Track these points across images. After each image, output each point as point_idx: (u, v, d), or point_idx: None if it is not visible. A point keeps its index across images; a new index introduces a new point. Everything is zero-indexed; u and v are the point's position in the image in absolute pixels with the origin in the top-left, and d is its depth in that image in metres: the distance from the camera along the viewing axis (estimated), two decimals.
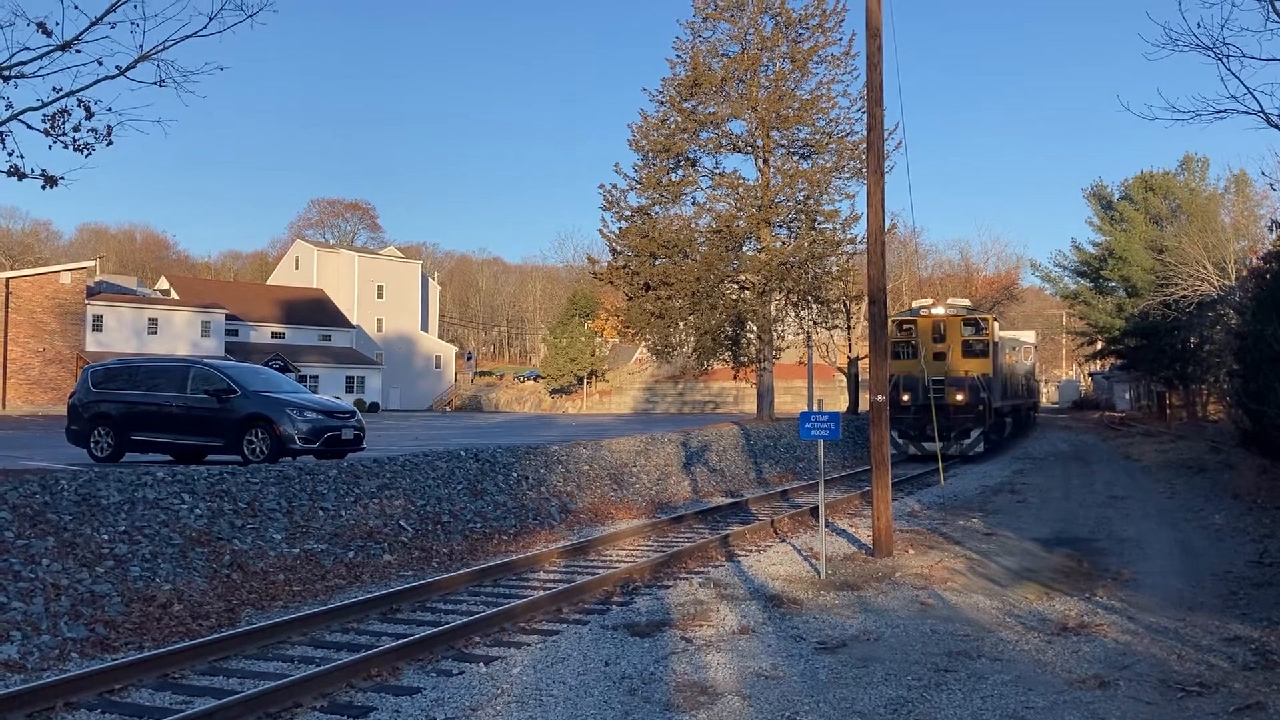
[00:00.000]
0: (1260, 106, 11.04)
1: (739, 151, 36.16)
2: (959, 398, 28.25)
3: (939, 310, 29.79)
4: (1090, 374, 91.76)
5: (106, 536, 11.17)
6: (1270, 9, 10.56)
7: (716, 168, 36.34)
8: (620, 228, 36.23)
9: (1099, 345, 64.30)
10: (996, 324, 31.45)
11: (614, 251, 36.94)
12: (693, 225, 35.76)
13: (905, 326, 30.02)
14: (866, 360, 14.78)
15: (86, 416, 18.01)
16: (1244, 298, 29.94)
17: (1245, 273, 34.39)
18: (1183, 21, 43.98)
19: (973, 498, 19.57)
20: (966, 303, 31.86)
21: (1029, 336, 50.96)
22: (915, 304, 32.35)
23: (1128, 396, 70.02)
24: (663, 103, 35.75)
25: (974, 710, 6.66)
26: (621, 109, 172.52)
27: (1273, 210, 39.27)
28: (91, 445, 17.70)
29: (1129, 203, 54.37)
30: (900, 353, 29.12)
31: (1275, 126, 10.81)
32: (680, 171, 35.92)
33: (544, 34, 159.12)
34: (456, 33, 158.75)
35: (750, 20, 34.90)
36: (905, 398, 28.17)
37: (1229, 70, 11.10)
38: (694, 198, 36.21)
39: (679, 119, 35.20)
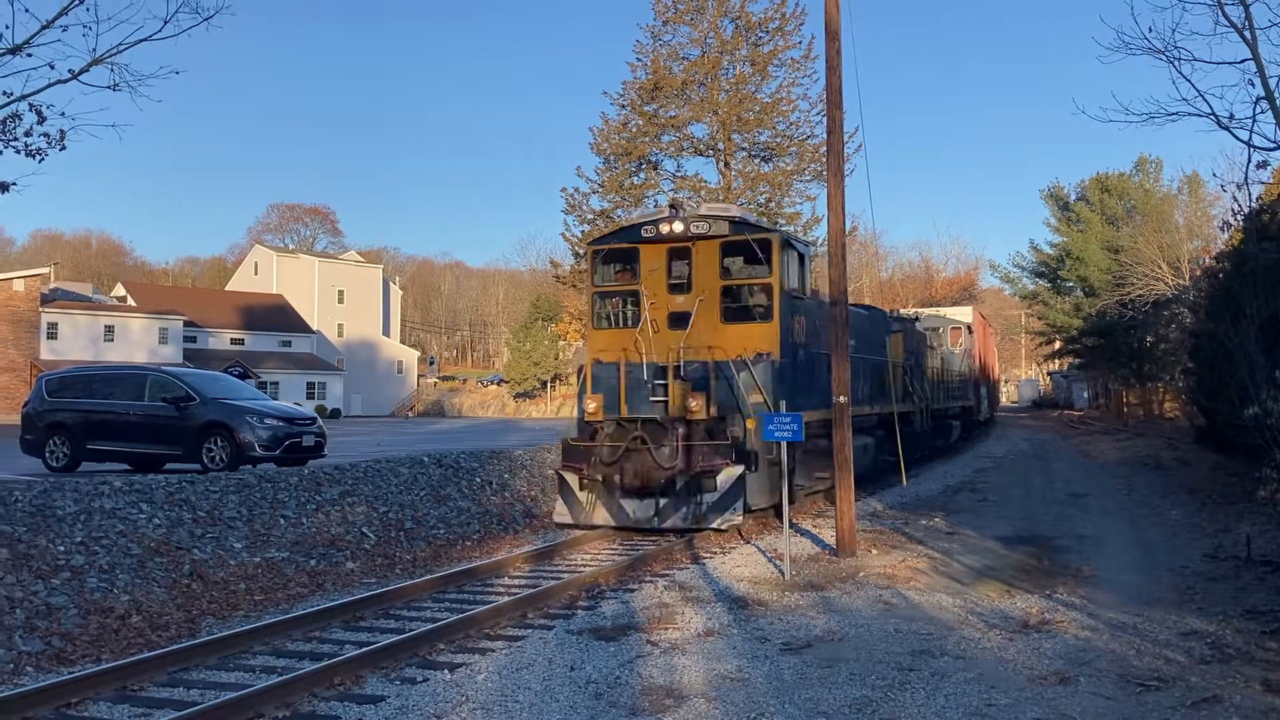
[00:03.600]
0: (1211, 109, 11.23)
1: (700, 155, 36.35)
2: (695, 406, 14.11)
3: (678, 225, 14.83)
4: (1049, 373, 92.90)
5: (62, 548, 10.99)
6: (1219, 14, 10.74)
7: (678, 171, 36.47)
8: (583, 231, 36.24)
9: (1057, 345, 65.24)
10: (805, 252, 16.26)
11: (577, 255, 36.93)
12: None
13: (620, 263, 15.91)
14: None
15: (41, 426, 17.75)
16: (1198, 297, 30.46)
17: (1199, 272, 35.00)
18: (1135, 25, 44.73)
19: (935, 497, 19.72)
20: (735, 211, 16.07)
21: (963, 314, 38.73)
22: (643, 216, 18.06)
23: (1086, 395, 70.99)
24: (624, 106, 35.84)
25: (938, 708, 6.70)
26: (582, 112, 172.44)
27: (1225, 211, 39.90)
28: (47, 455, 17.44)
29: (1085, 204, 55.17)
30: (608, 315, 15.79)
31: (1226, 128, 10.99)
32: (642, 175, 36.02)
33: (504, 37, 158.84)
34: (417, 35, 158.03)
35: (710, 24, 35.05)
36: (592, 406, 14.71)
37: (1180, 74, 11.28)
38: (656, 201, 36.25)
39: (640, 122, 35.29)
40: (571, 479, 14.55)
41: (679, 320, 14.93)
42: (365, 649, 8.20)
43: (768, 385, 14.32)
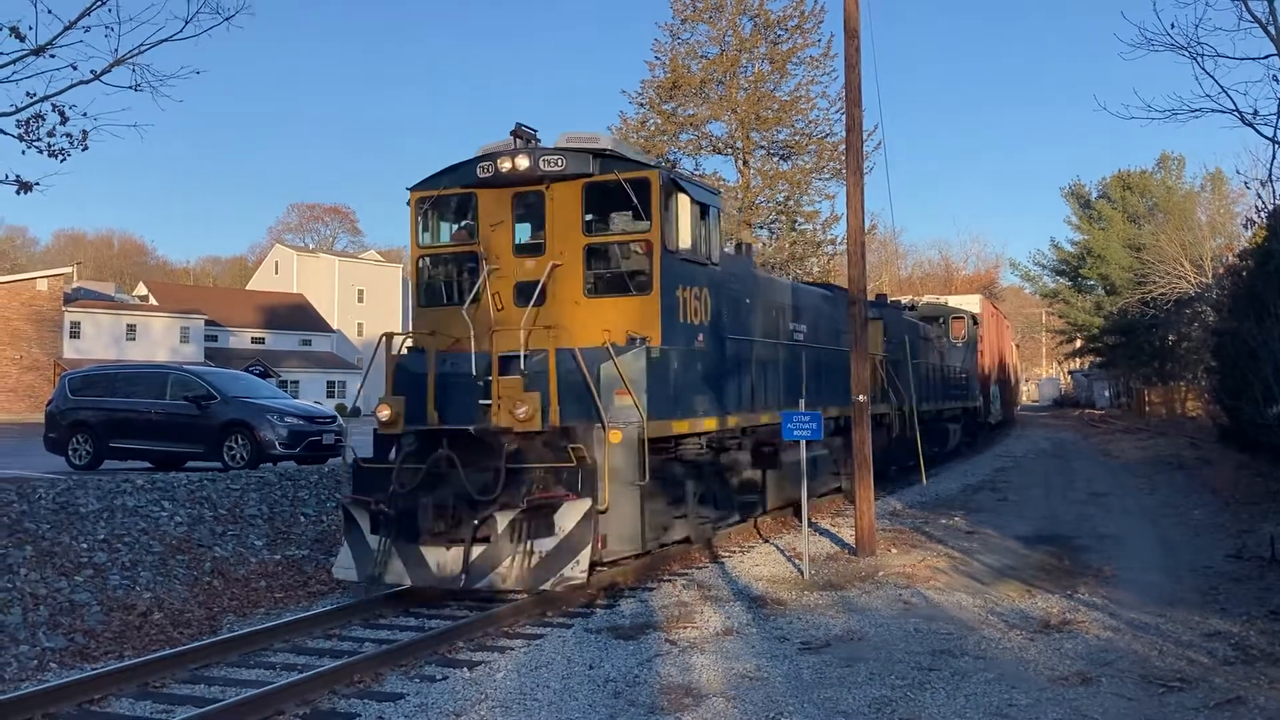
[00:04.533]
0: (1235, 105, 11.18)
1: (719, 153, 36.29)
2: (525, 413, 10.09)
3: (523, 160, 11.10)
4: (1070, 372, 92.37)
5: (85, 545, 11.07)
6: (1243, 9, 10.68)
7: (696, 169, 36.37)
8: None
9: (1078, 343, 64.88)
10: (709, 201, 12.25)
11: None
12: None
13: (454, 215, 12.27)
14: None
15: (64, 424, 17.89)
16: (1221, 295, 30.22)
17: (1222, 270, 34.71)
18: (1158, 22, 44.24)
19: (955, 496, 19.63)
20: (606, 141, 11.41)
21: (968, 303, 35.82)
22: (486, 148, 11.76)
23: (1107, 394, 70.53)
24: (642, 105, 35.80)
25: (958, 709, 6.67)
26: (601, 111, 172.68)
27: (1248, 208, 39.55)
28: (70, 453, 17.58)
29: (1107, 201, 54.84)
30: (439, 287, 12.10)
31: (1250, 125, 10.94)
32: None
33: (524, 38, 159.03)
34: (435, 35, 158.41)
35: (729, 22, 34.97)
36: (385, 414, 10.81)
37: (1204, 70, 11.24)
38: None
39: (658, 121, 35.24)
40: (361, 517, 10.32)
41: (527, 292, 10.94)
42: (385, 647, 8.23)
43: (639, 382, 10.42)
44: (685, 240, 11.41)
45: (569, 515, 9.69)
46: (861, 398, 13.08)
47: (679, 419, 11.18)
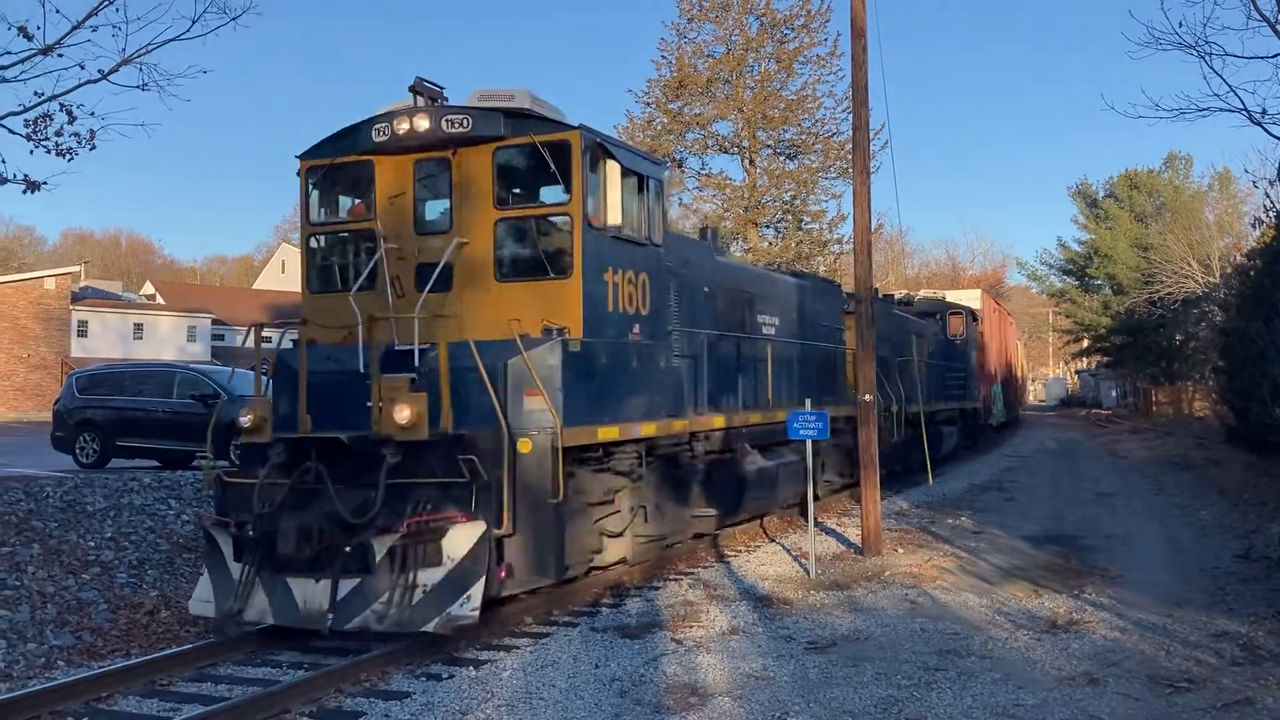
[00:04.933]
0: (1243, 104, 11.16)
1: (725, 152, 36.27)
2: (406, 418, 8.37)
3: (423, 120, 9.45)
4: (1077, 372, 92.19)
5: (93, 543, 11.10)
6: (1251, 7, 10.65)
7: (703, 169, 36.39)
8: None
9: (1085, 343, 64.70)
10: (647, 172, 10.71)
11: None
12: (679, 226, 35.80)
13: (349, 186, 10.53)
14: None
15: (72, 423, 17.93)
16: (1228, 294, 30.14)
17: (1230, 270, 34.63)
18: (1165, 20, 44.10)
19: (961, 496, 19.60)
20: (524, 99, 9.54)
21: (969, 298, 34.27)
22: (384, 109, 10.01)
23: (1114, 394, 70.38)
24: (648, 104, 35.78)
25: (964, 709, 6.66)
26: (607, 110, 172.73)
27: (1256, 207, 39.47)
28: (77, 451, 17.62)
29: (1114, 201, 54.70)
30: (330, 270, 10.67)
31: (1258, 124, 10.91)
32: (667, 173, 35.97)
33: (528, 35, 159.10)
34: (440, 34, 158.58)
35: (735, 21, 34.94)
36: (248, 418, 9.09)
37: (1211, 68, 11.20)
38: (681, 199, 36.16)
39: (665, 120, 35.23)
40: (224, 541, 8.80)
41: (430, 275, 9.47)
42: (391, 646, 8.23)
43: (552, 380, 8.94)
44: (615, 215, 9.66)
45: (458, 541, 8.08)
46: (868, 397, 13.06)
47: (606, 424, 9.56)
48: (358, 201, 10.43)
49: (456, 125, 9.48)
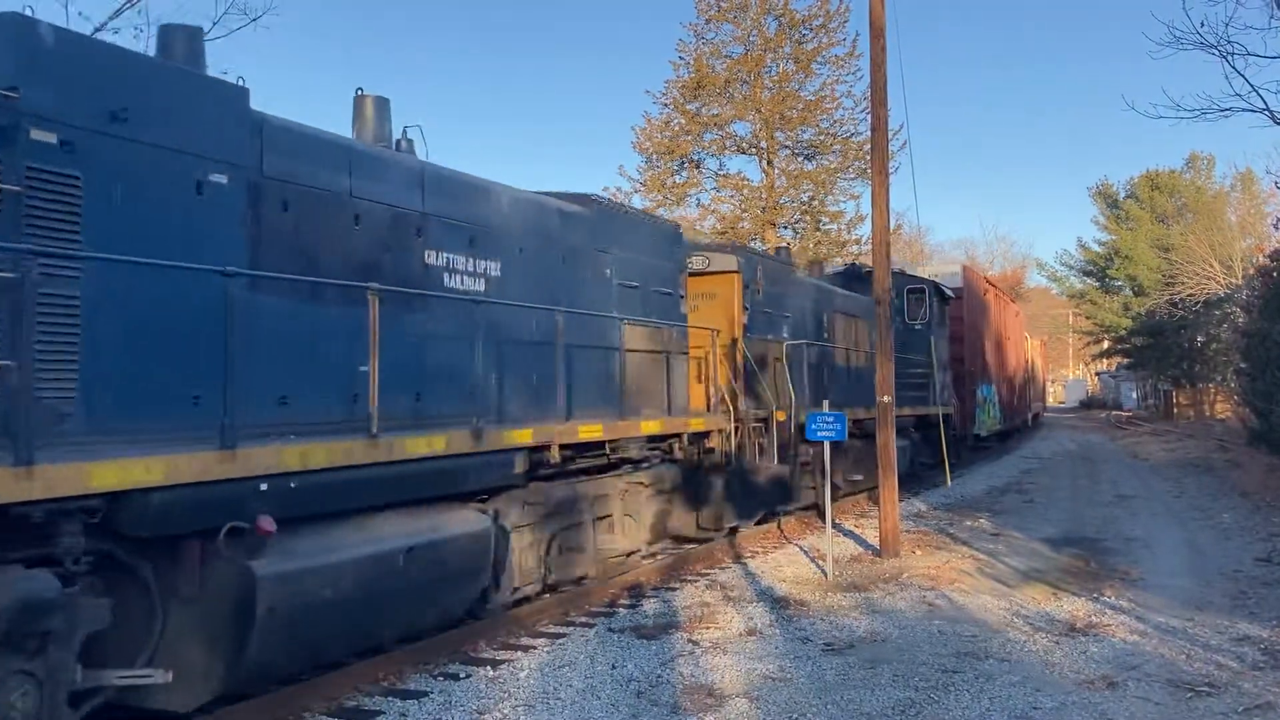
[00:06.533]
0: (1266, 104, 11.08)
1: (743, 153, 36.16)
2: None
3: None
4: (1097, 373, 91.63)
5: None
6: (1274, 7, 10.56)
7: (721, 169, 36.32)
8: None
9: (1105, 345, 64.26)
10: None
11: None
12: (697, 227, 35.76)
13: None
14: None
15: None
16: (1251, 296, 29.87)
17: (1252, 271, 34.30)
18: (1187, 20, 43.76)
19: (980, 498, 19.53)
20: None
21: (944, 271, 29.21)
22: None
23: (1134, 396, 69.91)
24: (666, 105, 35.73)
25: (981, 711, 6.64)
26: (625, 111, 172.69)
27: (1278, 208, 39.17)
28: None
29: (1135, 202, 54.30)
30: None
31: None
32: (684, 174, 35.90)
33: (546, 36, 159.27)
34: (460, 36, 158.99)
35: (753, 21, 34.86)
36: None
37: (1234, 68, 11.11)
38: (698, 200, 36.12)
39: (682, 121, 35.19)
40: None
41: None
42: (408, 646, 8.25)
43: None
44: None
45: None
46: (886, 399, 13.03)
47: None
48: None
49: None
